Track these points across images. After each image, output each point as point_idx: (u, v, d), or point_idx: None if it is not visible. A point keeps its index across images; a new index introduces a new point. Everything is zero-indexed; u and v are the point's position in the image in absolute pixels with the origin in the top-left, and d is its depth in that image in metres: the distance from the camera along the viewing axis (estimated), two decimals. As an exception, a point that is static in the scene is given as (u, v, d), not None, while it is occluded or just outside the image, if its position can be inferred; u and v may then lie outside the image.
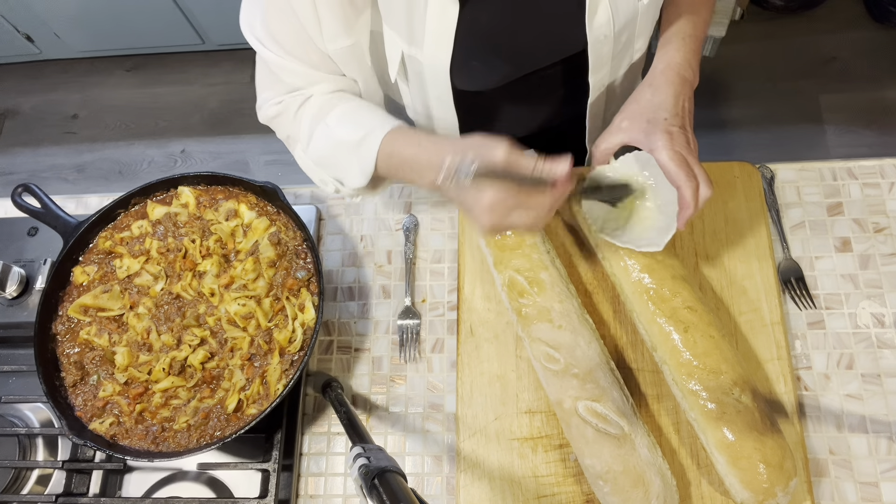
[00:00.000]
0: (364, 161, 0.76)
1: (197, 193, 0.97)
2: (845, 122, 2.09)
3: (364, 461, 0.63)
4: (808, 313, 0.91)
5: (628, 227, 0.83)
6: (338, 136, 0.78)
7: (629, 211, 0.84)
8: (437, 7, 0.70)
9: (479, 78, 0.82)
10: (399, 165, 0.74)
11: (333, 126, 0.78)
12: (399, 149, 0.74)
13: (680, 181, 0.72)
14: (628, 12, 0.76)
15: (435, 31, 0.73)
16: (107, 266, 0.94)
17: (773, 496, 0.74)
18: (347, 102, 0.80)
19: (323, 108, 0.80)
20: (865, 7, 2.22)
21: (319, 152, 0.81)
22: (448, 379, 0.93)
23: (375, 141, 0.75)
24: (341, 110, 0.79)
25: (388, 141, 0.74)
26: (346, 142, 0.77)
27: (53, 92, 2.51)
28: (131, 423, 0.85)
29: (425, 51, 0.75)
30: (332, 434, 0.93)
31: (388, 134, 0.75)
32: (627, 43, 0.83)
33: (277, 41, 0.76)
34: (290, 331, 0.88)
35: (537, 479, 0.83)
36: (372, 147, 0.75)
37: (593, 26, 0.76)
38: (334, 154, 0.79)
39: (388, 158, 0.75)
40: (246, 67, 2.45)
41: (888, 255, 0.93)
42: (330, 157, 0.80)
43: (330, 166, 0.81)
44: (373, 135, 0.75)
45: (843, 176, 0.99)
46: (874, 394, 0.87)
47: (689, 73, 0.80)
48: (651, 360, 0.87)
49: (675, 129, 0.75)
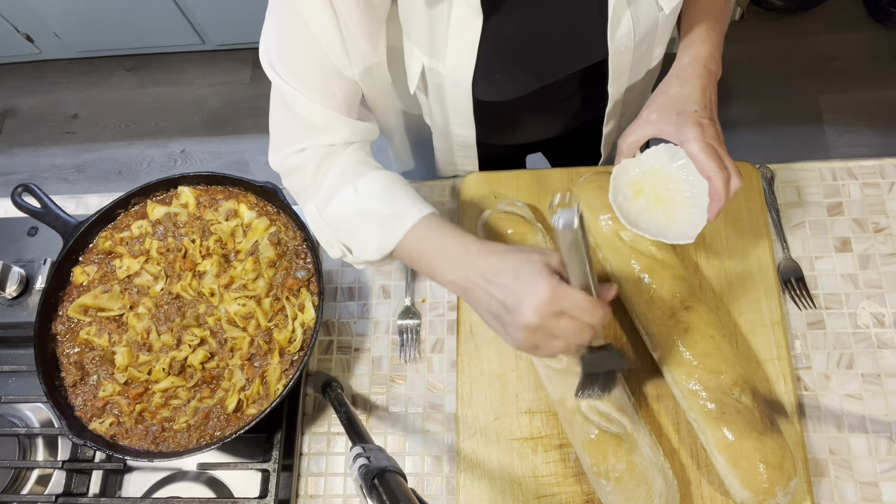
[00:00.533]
0: (387, 237, 0.71)
1: (197, 193, 0.97)
2: (845, 122, 2.09)
3: (364, 461, 0.63)
4: (808, 313, 0.91)
5: (657, 220, 0.82)
6: (366, 205, 0.73)
7: (659, 204, 0.83)
8: (460, 20, 0.70)
9: (501, 89, 0.82)
10: (427, 252, 0.70)
11: (363, 193, 0.73)
12: (436, 236, 0.69)
13: (711, 172, 0.72)
14: (649, 22, 0.76)
15: (458, 44, 0.72)
16: (107, 266, 0.94)
17: (773, 496, 0.74)
18: (379, 172, 0.75)
19: (351, 171, 0.75)
20: (865, 7, 2.22)
21: (338, 216, 0.75)
22: (448, 379, 0.93)
23: (408, 221, 0.70)
24: (373, 179, 0.74)
25: (424, 225, 0.70)
26: (374, 213, 0.72)
27: (53, 92, 2.51)
28: (131, 423, 0.85)
29: (447, 63, 0.75)
30: (332, 434, 0.93)
31: (424, 217, 0.70)
32: (647, 51, 0.83)
33: (294, 72, 0.71)
34: (289, 331, 0.88)
35: (537, 479, 0.83)
36: (402, 226, 0.70)
37: (615, 37, 0.76)
38: (355, 223, 0.74)
39: (417, 242, 0.70)
40: (246, 67, 2.45)
41: (888, 255, 0.93)
42: (348, 224, 0.75)
43: (344, 232, 0.77)
44: (407, 215, 0.70)
45: (843, 176, 0.99)
46: (874, 394, 0.87)
47: (714, 66, 0.80)
48: (651, 360, 0.87)
49: (706, 121, 0.75)
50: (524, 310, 0.60)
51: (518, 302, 0.61)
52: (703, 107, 0.76)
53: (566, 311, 0.60)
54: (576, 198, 0.57)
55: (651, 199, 0.82)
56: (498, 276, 0.63)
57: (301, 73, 0.71)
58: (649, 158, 0.82)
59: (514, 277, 0.62)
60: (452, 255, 0.67)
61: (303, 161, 0.76)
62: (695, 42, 0.80)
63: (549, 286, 0.60)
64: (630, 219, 0.80)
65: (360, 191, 0.73)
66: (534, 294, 0.60)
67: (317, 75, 0.71)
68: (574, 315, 0.60)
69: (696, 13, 0.81)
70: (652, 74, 0.92)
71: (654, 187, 0.83)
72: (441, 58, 0.75)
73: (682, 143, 0.74)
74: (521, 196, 0.98)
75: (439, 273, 0.69)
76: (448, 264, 0.68)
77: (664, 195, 0.82)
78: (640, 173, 0.83)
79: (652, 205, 0.82)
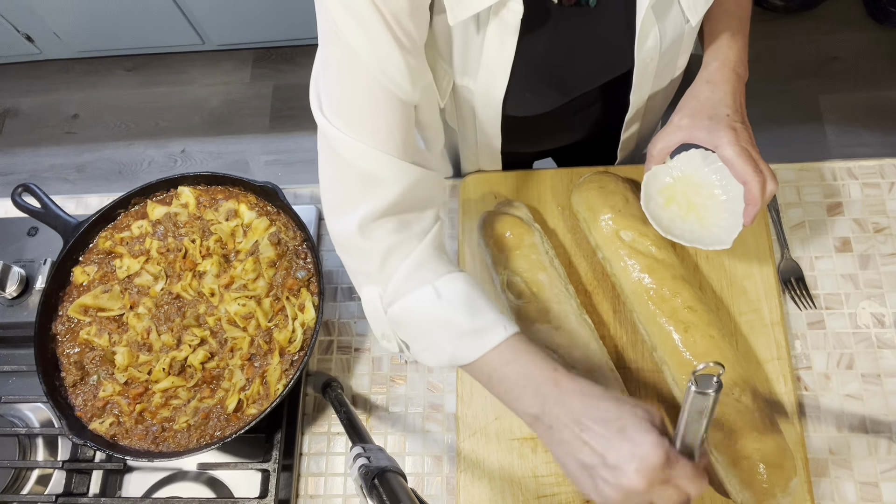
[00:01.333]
0: (464, 351, 0.65)
1: (197, 193, 0.97)
2: (845, 122, 2.09)
3: (364, 461, 0.63)
4: (808, 313, 0.91)
5: (691, 226, 0.81)
6: (446, 314, 0.65)
7: (691, 210, 0.82)
8: (494, 41, 0.69)
9: (530, 106, 0.83)
10: (510, 377, 0.64)
11: (445, 299, 0.66)
12: (523, 361, 0.63)
13: (747, 176, 0.71)
14: (675, 33, 0.76)
15: (491, 63, 0.72)
16: (107, 266, 0.94)
17: (773, 496, 0.74)
18: (459, 275, 0.68)
19: (426, 267, 0.68)
20: (865, 7, 2.22)
21: (409, 317, 0.68)
22: (448, 379, 0.93)
23: (493, 340, 0.64)
24: (455, 284, 0.67)
25: (511, 348, 0.64)
26: (454, 324, 0.65)
27: (53, 92, 2.51)
28: (131, 423, 0.85)
29: (479, 82, 0.75)
30: (332, 434, 0.93)
31: (510, 338, 0.65)
32: (671, 61, 0.83)
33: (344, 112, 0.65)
34: (290, 331, 0.88)
35: (537, 479, 0.83)
36: (486, 344, 0.64)
37: (643, 49, 0.75)
38: (430, 328, 0.67)
39: (501, 365, 0.64)
40: (246, 67, 2.45)
41: (888, 255, 0.93)
42: (419, 327, 0.68)
43: (411, 333, 0.69)
44: (492, 332, 0.64)
45: (843, 176, 0.99)
46: (874, 394, 0.87)
47: (742, 70, 0.80)
48: (651, 360, 0.87)
49: (738, 125, 0.75)
50: (629, 471, 0.54)
51: (623, 461, 0.55)
52: (734, 111, 0.76)
53: (673, 480, 0.55)
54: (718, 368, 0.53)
55: (683, 206, 0.82)
56: (598, 424, 0.57)
57: (353, 112, 0.64)
58: (679, 164, 0.81)
59: (618, 430, 0.56)
60: (541, 388, 0.62)
61: (371, 246, 0.67)
62: (722, 47, 0.80)
63: (663, 450, 0.55)
64: (663, 225, 0.79)
65: (442, 295, 0.66)
66: (644, 457, 0.54)
67: (371, 110, 0.64)
68: (679, 485, 0.55)
69: (722, 17, 0.81)
70: (675, 82, 0.92)
71: (686, 193, 0.82)
72: (473, 76, 0.74)
73: (715, 147, 0.74)
74: (520, 196, 0.98)
75: (521, 403, 0.63)
76: (534, 397, 0.62)
77: (696, 201, 0.82)
78: (671, 179, 0.82)
79: (684, 211, 0.82)
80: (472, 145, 0.95)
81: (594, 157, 1.07)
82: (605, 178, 0.92)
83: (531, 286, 0.84)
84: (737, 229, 0.78)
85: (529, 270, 0.85)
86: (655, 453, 0.54)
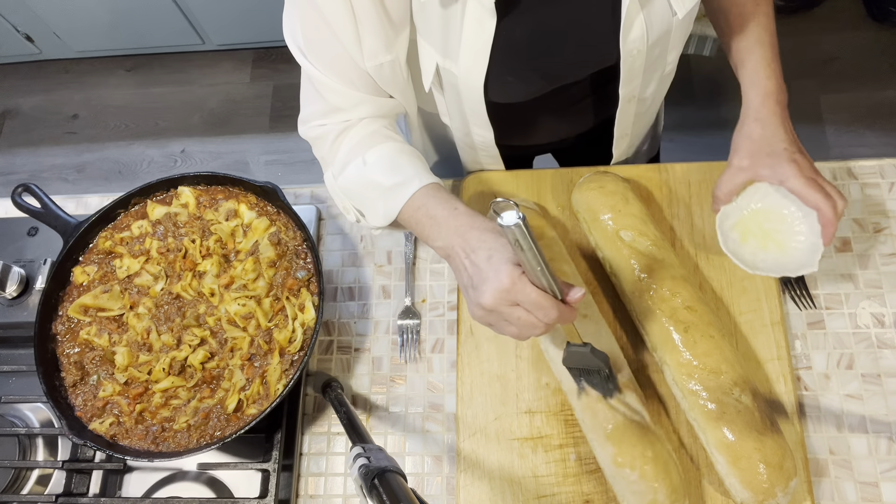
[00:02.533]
0: (390, 206, 0.76)
1: (197, 193, 0.97)
2: (845, 122, 2.09)
3: (364, 461, 0.63)
4: (808, 313, 0.91)
5: (773, 256, 0.83)
6: (371, 176, 0.77)
7: (768, 240, 0.85)
8: (473, 21, 0.70)
9: (513, 91, 0.83)
10: (423, 219, 0.74)
11: (370, 164, 0.78)
12: (431, 205, 0.73)
13: (820, 203, 0.76)
14: (662, 27, 0.76)
15: (471, 45, 0.73)
16: (107, 266, 0.94)
17: (773, 496, 0.74)
18: (389, 143, 0.80)
19: (362, 143, 0.79)
20: (865, 7, 2.21)
21: (349, 185, 0.80)
22: (448, 379, 0.93)
23: (408, 191, 0.74)
24: (381, 151, 0.79)
25: (422, 194, 0.74)
26: (378, 184, 0.77)
27: (53, 92, 2.51)
28: (131, 423, 0.85)
29: (460, 64, 0.76)
30: (332, 434, 0.93)
31: (423, 187, 0.74)
32: (660, 56, 0.83)
33: (318, 56, 0.75)
34: (290, 331, 0.88)
35: (537, 479, 0.83)
36: (403, 195, 0.75)
37: (628, 40, 0.76)
38: (363, 191, 0.79)
39: (414, 210, 0.74)
40: (246, 67, 2.45)
41: (888, 255, 0.93)
42: (357, 192, 0.80)
43: (356, 200, 0.81)
44: (408, 185, 0.75)
45: (843, 176, 0.99)
46: (874, 394, 0.87)
47: (783, 97, 0.84)
48: (651, 360, 0.87)
49: (798, 156, 0.79)
50: (484, 291, 0.65)
51: (481, 282, 0.65)
52: (790, 142, 0.80)
53: (521, 304, 0.64)
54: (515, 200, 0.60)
55: (759, 236, 0.85)
56: (475, 252, 0.67)
57: (323, 57, 0.75)
58: (744, 200, 0.84)
59: (486, 258, 0.66)
60: (442, 224, 0.71)
61: (323, 132, 0.81)
62: (760, 78, 0.83)
63: (510, 277, 0.63)
64: (747, 262, 0.82)
65: (368, 162, 0.78)
66: (495, 280, 0.64)
67: (336, 62, 0.75)
68: (528, 309, 0.64)
69: (753, 47, 0.84)
70: (666, 80, 0.92)
71: (758, 222, 0.85)
72: (454, 58, 0.75)
73: (782, 182, 0.78)
74: (521, 196, 0.98)
75: (430, 239, 0.73)
76: (438, 231, 0.72)
77: (768, 227, 0.84)
78: (741, 215, 0.85)
79: (762, 241, 0.84)
80: (466, 139, 0.95)
81: (592, 154, 1.06)
82: (605, 178, 0.92)
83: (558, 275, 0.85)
84: (819, 250, 0.80)
85: (553, 261, 0.86)
86: (504, 279, 0.63)
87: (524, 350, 0.89)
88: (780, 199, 0.83)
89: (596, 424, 0.78)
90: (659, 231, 0.88)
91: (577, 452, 0.84)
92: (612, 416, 0.77)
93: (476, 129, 0.90)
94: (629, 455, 0.75)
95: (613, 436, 0.76)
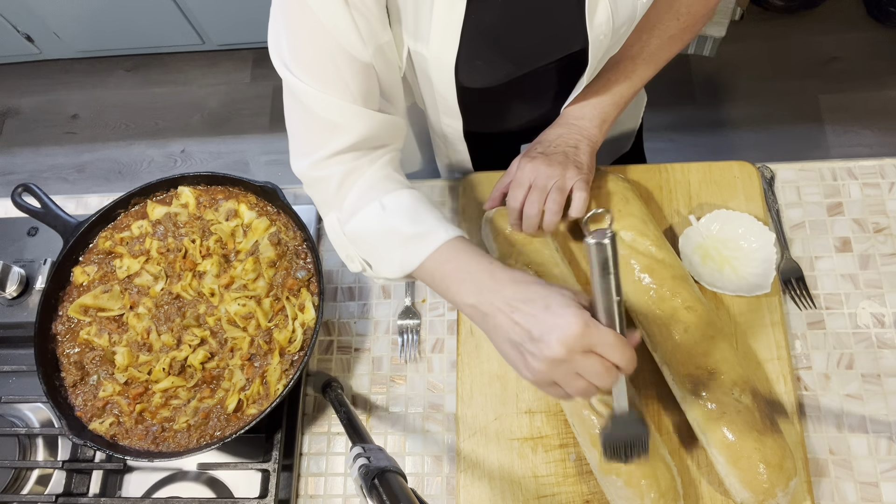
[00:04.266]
0: (410, 256, 0.71)
1: (197, 193, 0.97)
2: (845, 122, 2.09)
3: (364, 461, 0.63)
4: (808, 313, 0.91)
5: (728, 277, 0.91)
6: (391, 223, 0.72)
7: (725, 263, 0.92)
8: (443, 4, 0.70)
9: (483, 76, 0.83)
10: (451, 273, 0.69)
11: (390, 210, 0.72)
12: (461, 259, 0.68)
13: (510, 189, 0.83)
14: (627, 11, 0.77)
15: (441, 28, 0.73)
16: (107, 266, 0.94)
17: (773, 496, 0.74)
18: (407, 190, 0.75)
19: (378, 187, 0.74)
20: (865, 7, 2.22)
21: (361, 232, 0.74)
22: (448, 379, 0.93)
23: (434, 242, 0.70)
24: (400, 197, 0.74)
25: (450, 247, 0.69)
26: (398, 232, 0.71)
27: (53, 92, 2.51)
28: (131, 423, 0.85)
29: (431, 48, 0.75)
30: (332, 434, 0.93)
31: (452, 239, 0.70)
32: (623, 37, 0.83)
33: (306, 66, 0.70)
34: (290, 331, 0.88)
35: (537, 479, 0.83)
36: (427, 246, 0.70)
37: (594, 25, 0.76)
38: (378, 239, 0.74)
39: (440, 264, 0.69)
40: (246, 67, 2.45)
41: (888, 255, 0.93)
42: (371, 240, 0.75)
43: (366, 248, 0.76)
44: (433, 235, 0.70)
45: (843, 176, 0.99)
46: (874, 394, 0.87)
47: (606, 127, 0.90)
48: (651, 360, 0.87)
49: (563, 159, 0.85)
50: (551, 341, 0.58)
51: (546, 333, 0.59)
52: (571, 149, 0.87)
53: (595, 349, 0.58)
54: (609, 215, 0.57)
55: (717, 260, 0.92)
56: (526, 304, 0.61)
57: (312, 65, 0.69)
58: (706, 223, 0.93)
59: (543, 308, 0.60)
60: (478, 280, 0.66)
61: (328, 174, 0.74)
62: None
63: (582, 320, 0.58)
64: (705, 280, 0.89)
65: (387, 208, 0.72)
66: (565, 326, 0.58)
67: (328, 65, 0.69)
68: (603, 353, 0.58)
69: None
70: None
71: (717, 248, 0.92)
72: (425, 41, 0.75)
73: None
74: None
75: (460, 296, 0.67)
76: (471, 288, 0.66)
77: (726, 254, 0.92)
78: (702, 238, 0.93)
79: (719, 265, 0.92)
80: (437, 129, 0.95)
81: None
82: (604, 178, 0.92)
83: (546, 279, 0.84)
84: (771, 274, 0.88)
85: (544, 265, 0.85)
86: (575, 322, 0.57)
87: (524, 350, 0.89)
88: (735, 229, 0.92)
89: (583, 430, 0.79)
90: (659, 231, 0.88)
91: (577, 452, 0.84)
92: (597, 421, 0.77)
93: (445, 118, 0.90)
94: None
95: (598, 440, 0.76)
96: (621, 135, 1.19)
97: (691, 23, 0.86)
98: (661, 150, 2.09)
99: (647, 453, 0.69)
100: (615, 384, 0.63)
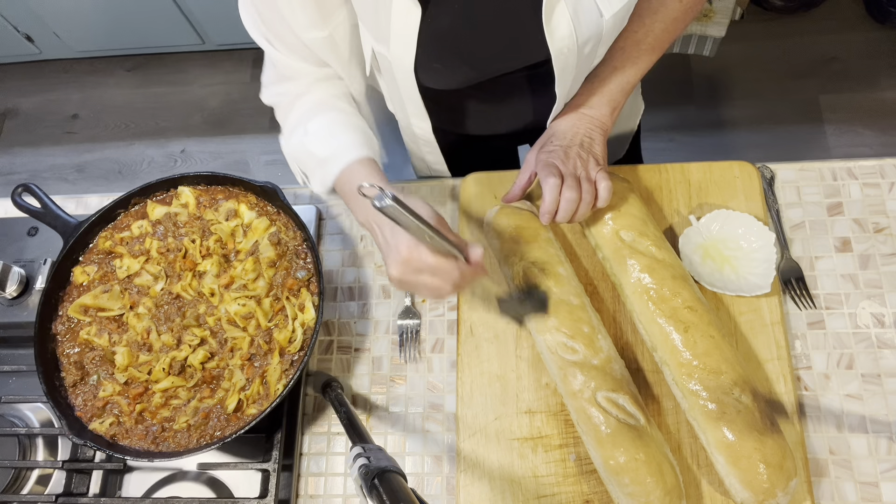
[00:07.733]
0: (325, 177, 0.81)
1: (197, 193, 0.97)
2: (845, 122, 2.09)
3: (364, 461, 0.63)
4: (808, 313, 0.91)
5: (728, 276, 0.91)
6: (308, 147, 0.82)
7: (725, 262, 0.92)
8: (401, 8, 0.72)
9: (442, 78, 0.84)
10: (349, 193, 0.79)
11: (310, 135, 0.82)
12: (356, 180, 0.77)
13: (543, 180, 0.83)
14: (592, 27, 0.77)
15: (399, 31, 0.75)
16: (107, 266, 0.94)
17: (773, 496, 0.74)
18: (332, 113, 0.83)
19: (308, 113, 0.84)
20: (865, 7, 2.22)
21: (292, 153, 0.86)
22: (448, 379, 0.93)
23: (339, 164, 0.79)
24: (322, 121, 0.82)
25: (351, 169, 0.79)
26: (313, 154, 0.82)
27: (53, 92, 2.51)
28: (131, 423, 0.85)
29: (391, 49, 0.77)
30: (332, 434, 0.93)
31: (353, 163, 0.79)
32: (591, 55, 0.83)
33: (270, 30, 0.79)
34: (290, 331, 0.88)
35: (537, 479, 0.83)
36: (335, 168, 0.79)
37: (554, 38, 0.76)
38: (304, 160, 0.84)
39: (343, 184, 0.80)
40: (246, 67, 2.45)
41: (888, 255, 0.93)
42: (300, 160, 0.85)
43: (300, 168, 0.87)
44: (339, 158, 0.79)
45: (843, 176, 0.99)
46: (874, 394, 0.87)
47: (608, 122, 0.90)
48: (651, 360, 0.87)
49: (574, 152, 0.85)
50: (390, 264, 0.71)
51: (387, 255, 0.72)
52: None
53: (423, 271, 0.69)
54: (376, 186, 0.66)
55: (717, 260, 0.92)
56: (382, 227, 0.72)
57: (273, 30, 0.79)
58: (706, 223, 0.93)
59: (390, 233, 0.71)
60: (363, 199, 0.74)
61: (279, 100, 0.87)
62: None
63: (407, 247, 0.69)
64: (705, 280, 0.89)
65: (309, 132, 0.83)
66: (395, 252, 0.70)
67: (284, 34, 0.78)
68: (431, 274, 0.70)
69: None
70: None
71: (717, 248, 0.92)
72: (385, 43, 0.77)
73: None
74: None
75: (356, 213, 0.79)
76: (360, 207, 0.77)
77: (726, 254, 0.92)
78: (702, 239, 0.92)
79: (719, 264, 0.92)
80: (408, 131, 0.97)
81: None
82: (604, 178, 0.92)
83: (549, 277, 0.84)
84: (770, 275, 0.88)
85: (548, 263, 0.86)
86: (402, 250, 0.69)
87: (524, 350, 0.89)
88: (735, 229, 0.91)
89: (588, 427, 0.79)
90: (659, 231, 0.89)
91: (577, 452, 0.84)
92: (604, 419, 0.77)
93: (414, 119, 0.92)
94: (621, 459, 0.75)
95: (605, 439, 0.77)
96: (615, 139, 1.18)
97: (693, 3, 0.86)
98: (660, 151, 2.09)
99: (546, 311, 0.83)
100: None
